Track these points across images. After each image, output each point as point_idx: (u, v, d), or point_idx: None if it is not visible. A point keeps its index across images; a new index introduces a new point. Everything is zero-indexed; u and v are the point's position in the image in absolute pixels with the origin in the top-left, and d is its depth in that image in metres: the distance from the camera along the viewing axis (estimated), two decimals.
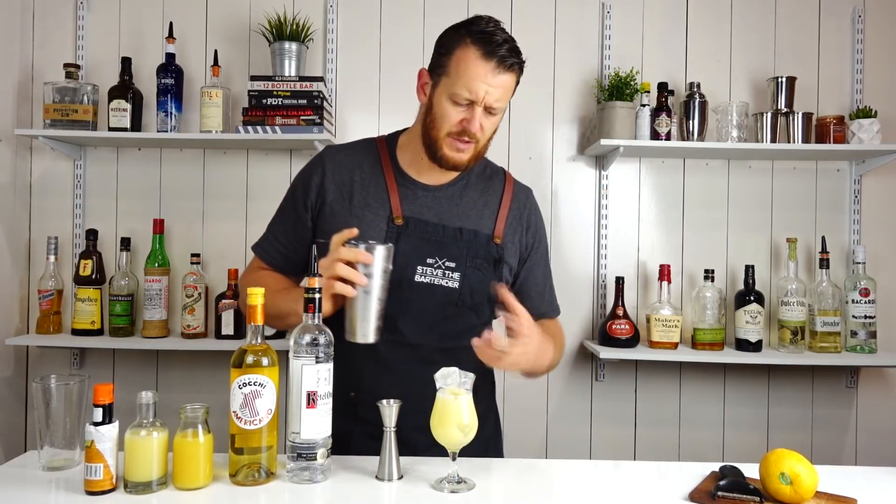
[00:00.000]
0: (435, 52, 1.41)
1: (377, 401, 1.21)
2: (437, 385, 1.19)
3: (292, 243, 1.49)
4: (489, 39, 1.32)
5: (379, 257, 1.25)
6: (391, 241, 1.35)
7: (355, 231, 1.27)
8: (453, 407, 1.17)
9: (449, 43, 1.37)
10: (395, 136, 1.51)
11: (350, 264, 1.24)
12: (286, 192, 1.53)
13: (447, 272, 1.39)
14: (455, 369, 1.19)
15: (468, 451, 1.23)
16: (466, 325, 1.40)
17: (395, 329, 1.37)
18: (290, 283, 1.49)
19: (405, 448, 1.25)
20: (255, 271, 1.52)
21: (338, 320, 1.28)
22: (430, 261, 1.38)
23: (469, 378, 1.19)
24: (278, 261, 1.50)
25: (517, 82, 1.39)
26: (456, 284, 1.39)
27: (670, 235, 2.51)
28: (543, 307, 1.55)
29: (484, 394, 1.47)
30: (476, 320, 1.41)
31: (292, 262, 1.49)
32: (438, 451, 1.21)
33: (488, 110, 1.35)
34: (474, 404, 1.20)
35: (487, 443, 1.49)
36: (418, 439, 1.27)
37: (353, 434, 1.37)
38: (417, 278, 1.37)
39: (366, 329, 1.26)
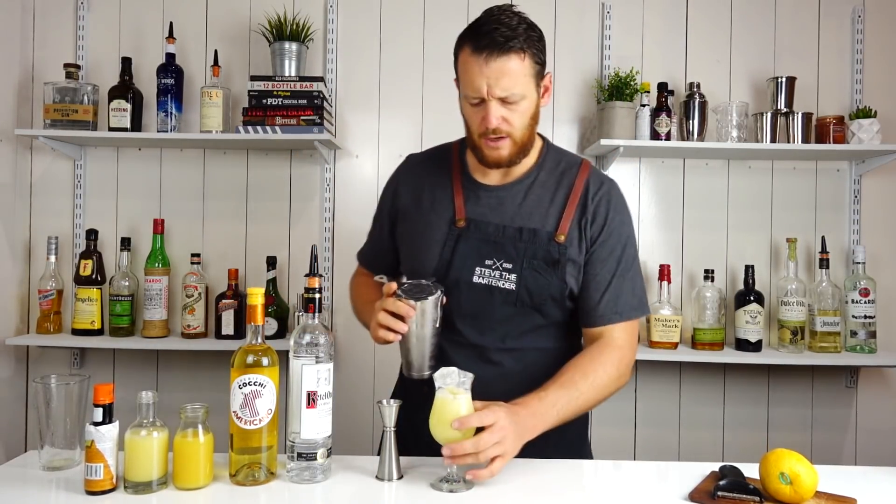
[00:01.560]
0: (454, 60, 1.39)
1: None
2: (436, 384, 1.19)
3: (380, 249, 1.57)
4: (478, 31, 1.29)
5: (424, 308, 1.28)
6: (451, 241, 1.38)
7: (394, 286, 1.29)
8: (451, 406, 1.16)
9: (456, 48, 1.36)
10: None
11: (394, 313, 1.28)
12: (378, 201, 1.61)
13: (504, 273, 1.36)
14: (454, 369, 1.19)
15: (553, 452, 1.27)
16: (530, 326, 1.38)
17: (455, 329, 1.38)
18: (377, 296, 1.43)
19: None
20: (357, 276, 1.66)
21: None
22: (488, 262, 1.37)
23: (468, 378, 1.18)
24: (372, 263, 1.60)
25: (537, 62, 1.32)
26: (513, 286, 1.35)
27: (670, 235, 2.51)
28: (601, 309, 1.37)
29: None
30: (542, 320, 1.39)
31: (384, 264, 1.55)
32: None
33: (504, 101, 1.30)
34: None
35: (572, 443, 1.44)
36: None
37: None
38: (475, 279, 1.37)
39: (419, 366, 1.32)
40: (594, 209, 1.39)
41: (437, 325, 1.31)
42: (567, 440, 1.40)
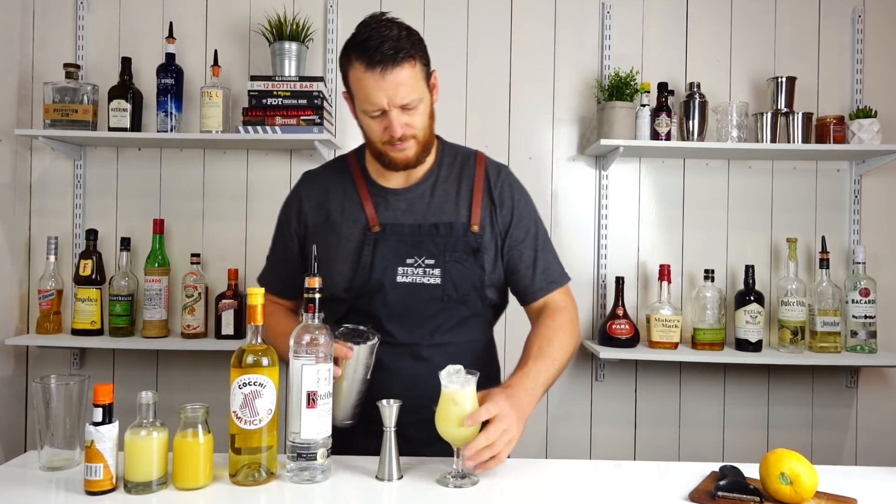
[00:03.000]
0: (342, 76, 1.41)
1: (376, 399, 1.22)
2: (442, 382, 1.20)
3: (287, 271, 1.54)
4: (365, 47, 1.31)
5: (360, 354, 1.30)
6: (368, 247, 1.40)
7: (345, 352, 1.28)
8: (457, 403, 1.18)
9: (344, 65, 1.38)
10: (363, 148, 1.53)
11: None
12: (276, 224, 1.58)
13: (427, 270, 1.40)
14: (460, 367, 1.21)
15: None
16: (457, 319, 1.43)
17: (384, 331, 1.40)
18: (293, 324, 1.42)
19: (404, 443, 1.25)
20: (267, 305, 1.53)
21: None
22: (409, 261, 1.40)
23: (473, 375, 1.20)
24: (279, 289, 1.55)
25: (424, 64, 1.37)
26: (438, 280, 1.40)
27: (670, 235, 2.51)
28: (537, 283, 1.48)
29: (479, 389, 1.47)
30: (467, 312, 1.44)
31: (291, 287, 1.52)
32: (440, 446, 1.22)
33: (404, 108, 1.34)
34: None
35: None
36: (416, 435, 1.29)
37: (356, 431, 1.38)
38: (399, 279, 1.40)
39: (344, 414, 1.33)
40: (499, 195, 1.48)
41: (369, 373, 1.33)
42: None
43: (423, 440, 1.28)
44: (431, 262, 1.40)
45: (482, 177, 1.49)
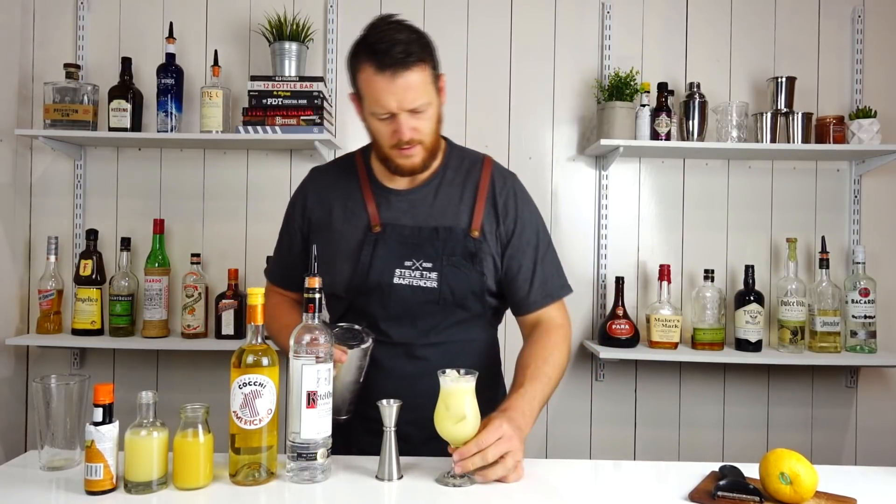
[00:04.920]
0: (350, 77, 1.41)
1: (372, 398, 1.24)
2: (441, 382, 1.20)
3: (291, 263, 1.56)
4: (376, 49, 1.31)
5: (353, 356, 1.32)
6: (368, 247, 1.40)
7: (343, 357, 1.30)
8: (456, 403, 1.18)
9: (353, 66, 1.37)
10: (370, 146, 1.53)
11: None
12: (283, 217, 1.60)
13: (424, 273, 1.40)
14: (460, 370, 1.21)
15: None
16: (453, 320, 1.43)
17: (380, 330, 1.41)
18: (297, 317, 1.43)
19: (402, 442, 1.24)
20: (271, 297, 1.59)
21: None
22: (407, 263, 1.40)
23: (472, 374, 1.20)
24: (284, 281, 1.58)
25: (433, 67, 1.37)
26: (434, 284, 1.39)
27: (670, 235, 2.51)
28: (533, 296, 1.45)
29: (488, 396, 1.48)
30: (464, 314, 1.44)
31: (295, 279, 1.52)
32: (436, 444, 1.22)
33: (413, 112, 1.34)
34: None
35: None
36: (413, 433, 1.31)
37: (356, 428, 1.39)
38: (396, 281, 1.40)
39: (336, 409, 1.31)
40: (504, 204, 1.46)
41: (362, 375, 1.34)
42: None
43: (419, 439, 1.29)
44: (429, 265, 1.40)
45: (487, 183, 1.47)
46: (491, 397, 1.51)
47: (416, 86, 1.32)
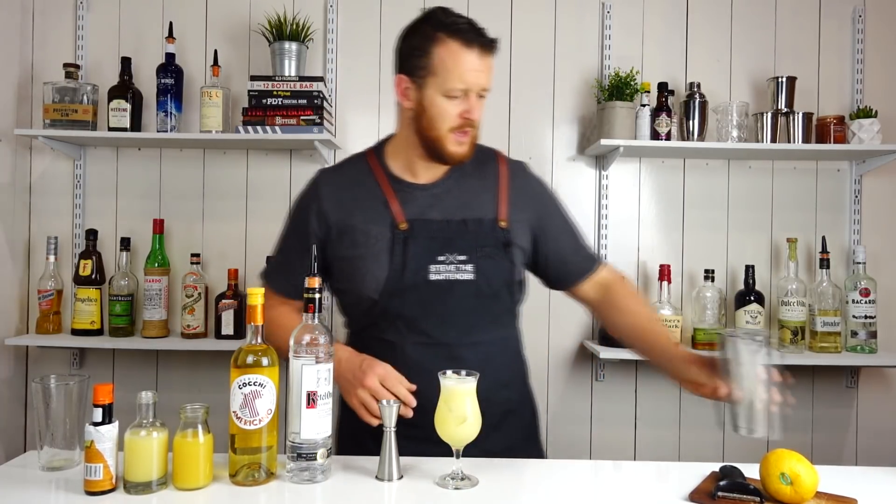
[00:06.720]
0: (406, 56, 1.39)
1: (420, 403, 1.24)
2: (442, 382, 1.20)
3: (301, 272, 1.42)
4: (462, 29, 1.34)
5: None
6: (399, 246, 1.37)
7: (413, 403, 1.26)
8: (458, 404, 1.18)
9: (423, 44, 1.36)
10: (382, 145, 1.52)
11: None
12: (287, 223, 1.52)
13: (460, 266, 1.38)
14: (461, 371, 1.21)
15: (498, 447, 1.30)
16: (490, 315, 1.42)
17: (420, 331, 1.38)
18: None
19: (437, 450, 1.22)
20: (276, 307, 1.46)
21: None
22: (440, 258, 1.38)
23: (473, 375, 1.20)
24: (290, 291, 1.45)
25: None
26: (471, 276, 1.38)
27: (670, 235, 2.51)
28: (586, 264, 1.53)
29: (516, 386, 1.49)
30: (499, 308, 1.43)
31: (299, 286, 1.44)
32: (471, 448, 1.20)
33: (479, 95, 1.37)
34: (506, 398, 1.22)
35: (528, 440, 1.51)
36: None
37: (366, 430, 1.33)
38: (432, 277, 1.37)
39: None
40: (524, 193, 1.50)
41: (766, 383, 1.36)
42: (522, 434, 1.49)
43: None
44: (463, 257, 1.38)
45: (506, 174, 1.50)
46: (524, 392, 1.52)
47: (491, 70, 1.37)
